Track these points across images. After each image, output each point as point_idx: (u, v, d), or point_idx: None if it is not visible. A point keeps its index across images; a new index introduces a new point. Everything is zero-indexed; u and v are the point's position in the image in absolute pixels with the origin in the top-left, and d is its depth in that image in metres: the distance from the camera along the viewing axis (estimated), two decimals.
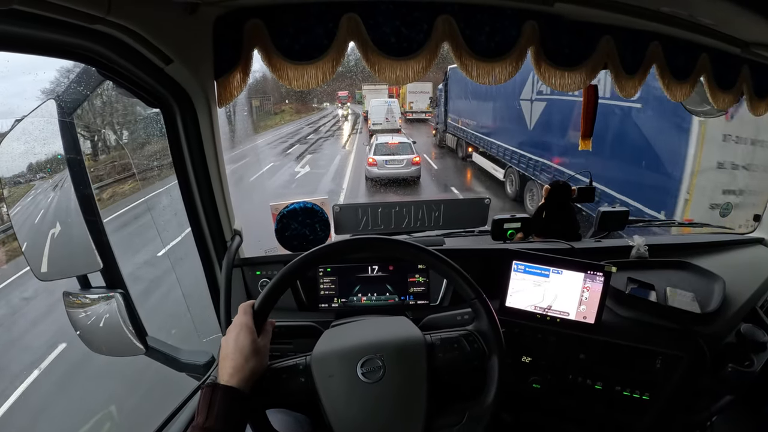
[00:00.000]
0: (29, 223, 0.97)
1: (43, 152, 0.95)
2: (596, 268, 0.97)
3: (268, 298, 0.71)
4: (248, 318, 0.68)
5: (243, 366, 0.64)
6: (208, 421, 0.58)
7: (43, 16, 0.58)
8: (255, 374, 0.65)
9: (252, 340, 0.66)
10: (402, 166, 8.91)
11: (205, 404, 0.60)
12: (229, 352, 0.65)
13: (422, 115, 19.03)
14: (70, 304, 1.00)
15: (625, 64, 1.07)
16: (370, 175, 8.95)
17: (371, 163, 8.95)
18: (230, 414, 0.60)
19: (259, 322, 0.69)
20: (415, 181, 9.09)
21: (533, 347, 1.04)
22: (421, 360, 0.71)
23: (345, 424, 0.66)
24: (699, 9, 0.92)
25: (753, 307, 1.13)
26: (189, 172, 0.96)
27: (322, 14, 0.92)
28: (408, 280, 1.14)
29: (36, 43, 0.66)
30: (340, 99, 26.23)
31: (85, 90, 0.90)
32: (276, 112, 22.95)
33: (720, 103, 1.20)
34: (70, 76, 0.90)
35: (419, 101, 18.45)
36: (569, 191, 1.36)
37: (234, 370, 0.63)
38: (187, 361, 1.04)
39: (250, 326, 0.68)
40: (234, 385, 0.62)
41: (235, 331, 0.67)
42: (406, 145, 9.32)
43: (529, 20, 0.97)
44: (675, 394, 1.01)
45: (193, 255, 1.07)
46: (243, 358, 0.64)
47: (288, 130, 19.21)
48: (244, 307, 0.70)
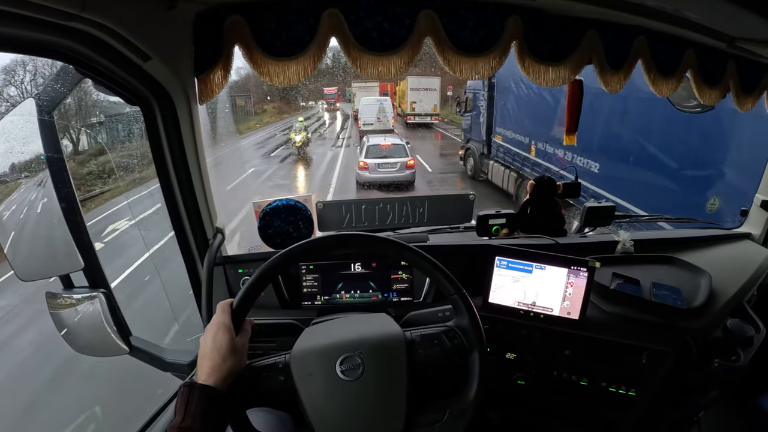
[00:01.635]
0: (10, 223, 0.97)
1: (25, 151, 0.94)
2: (580, 264, 0.97)
3: (247, 296, 0.70)
4: (226, 317, 0.68)
5: (220, 365, 0.63)
6: (186, 420, 0.58)
7: (16, 14, 0.58)
8: (233, 373, 0.65)
9: (230, 339, 0.66)
10: (396, 170, 8.37)
11: (183, 404, 0.59)
12: (207, 351, 0.65)
13: (427, 118, 15.75)
14: (53, 305, 0.99)
15: (610, 59, 1.06)
16: (361, 180, 8.42)
17: (362, 166, 8.42)
18: (207, 413, 0.59)
19: (237, 321, 0.69)
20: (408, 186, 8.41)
21: (517, 344, 1.04)
22: (401, 357, 0.71)
23: (325, 422, 0.66)
24: (684, 3, 0.92)
25: (740, 302, 1.13)
26: (170, 170, 0.96)
27: (303, 10, 0.91)
28: (391, 277, 1.13)
29: (12, 42, 0.65)
30: (326, 97, 23.14)
31: (63, 88, 0.89)
32: (257, 112, 20.96)
33: (707, 99, 1.19)
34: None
35: (424, 100, 15.45)
36: (554, 187, 1.36)
37: (212, 370, 0.63)
38: (172, 360, 1.03)
39: (228, 325, 0.67)
40: (211, 384, 0.61)
41: (213, 330, 0.66)
42: (400, 147, 8.78)
43: (512, 15, 0.97)
44: (661, 389, 1.01)
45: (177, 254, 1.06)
46: (220, 357, 0.64)
47: (263, 136, 15.84)
48: (222, 306, 0.69)
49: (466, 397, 0.71)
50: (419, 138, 13.62)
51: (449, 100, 17.66)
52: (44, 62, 6.95)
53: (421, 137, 13.21)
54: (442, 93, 16.48)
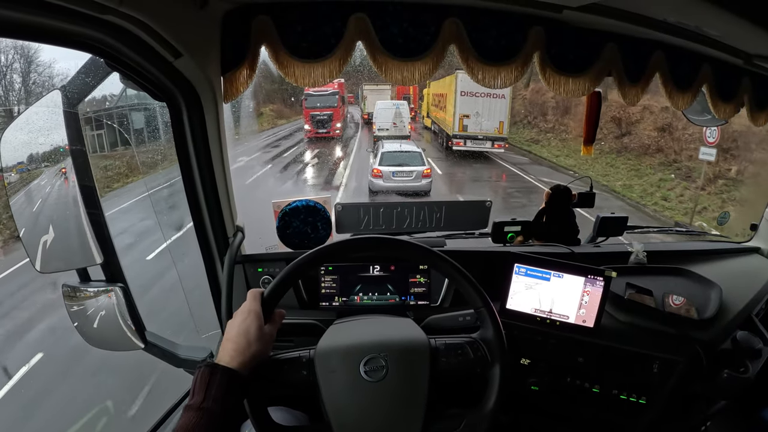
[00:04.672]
0: (30, 215, 0.96)
1: (47, 143, 0.94)
2: (596, 273, 0.98)
3: (279, 286, 0.71)
4: (257, 304, 0.69)
5: (245, 350, 0.64)
6: (206, 401, 0.58)
7: (53, 4, 0.58)
8: (255, 359, 0.65)
9: (258, 326, 0.66)
10: (411, 179, 7.99)
11: (203, 384, 0.59)
12: (233, 334, 0.65)
13: (485, 144, 9.54)
14: (69, 297, 0.99)
15: (629, 71, 1.08)
16: (375, 188, 8.11)
17: (376, 174, 8.06)
18: (228, 396, 0.59)
19: (267, 310, 0.70)
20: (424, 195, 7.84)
21: (532, 349, 1.05)
22: (425, 363, 0.71)
23: (343, 420, 0.67)
24: (705, 21, 0.94)
25: (748, 315, 1.14)
26: (193, 166, 0.96)
27: (331, 13, 0.92)
28: (409, 280, 1.14)
29: (44, 32, 0.66)
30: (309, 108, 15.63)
31: (92, 81, 0.89)
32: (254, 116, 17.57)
33: (721, 113, 1.21)
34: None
35: (485, 114, 9.55)
36: (570, 196, 1.38)
37: (236, 353, 0.63)
38: (186, 356, 1.03)
39: (258, 312, 0.68)
40: (234, 368, 0.62)
41: (242, 316, 0.67)
42: (416, 154, 8.38)
43: (535, 26, 0.98)
44: (671, 398, 1.02)
45: (194, 251, 1.05)
46: (246, 341, 0.64)
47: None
48: (254, 293, 0.70)
49: (483, 408, 0.71)
50: (470, 179, 8.30)
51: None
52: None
53: (473, 178, 7.86)
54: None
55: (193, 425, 0.56)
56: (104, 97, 6.38)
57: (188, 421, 0.56)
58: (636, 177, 10.62)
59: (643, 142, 11.52)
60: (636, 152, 11.43)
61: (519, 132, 13.70)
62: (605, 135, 12.13)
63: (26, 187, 1.01)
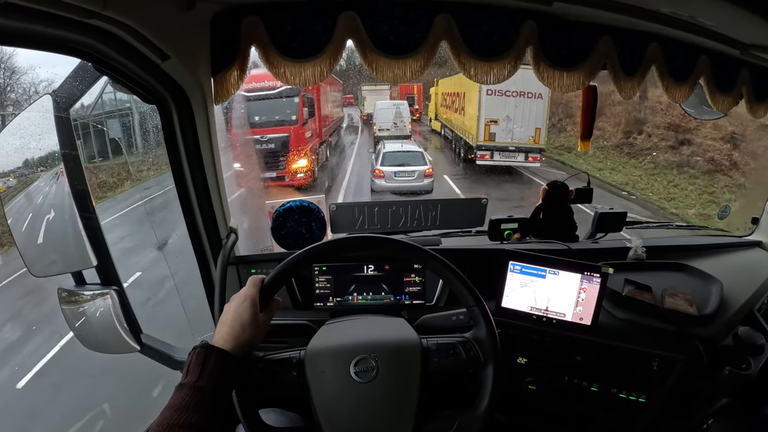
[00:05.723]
0: (24, 219, 0.97)
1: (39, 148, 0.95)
2: (593, 269, 0.97)
3: (279, 276, 0.71)
4: (255, 290, 0.70)
5: (239, 334, 0.65)
6: (201, 380, 0.59)
7: (37, 10, 0.58)
8: (248, 345, 0.66)
9: (253, 313, 0.67)
10: (413, 179, 7.99)
11: (198, 364, 0.60)
12: (229, 318, 0.66)
13: (516, 156, 7.67)
14: (65, 301, 0.99)
15: (624, 65, 1.06)
16: (377, 188, 8.08)
17: (378, 174, 8.06)
18: (222, 376, 0.61)
19: (264, 298, 0.70)
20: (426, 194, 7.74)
21: (529, 348, 1.04)
22: (416, 364, 0.71)
23: (333, 421, 0.67)
24: (700, 10, 0.92)
25: (750, 310, 1.12)
26: (185, 168, 0.96)
27: (320, 12, 0.91)
28: (404, 279, 1.13)
29: (31, 38, 0.66)
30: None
31: (81, 86, 0.89)
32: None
33: (719, 106, 1.19)
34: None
35: (518, 119, 7.78)
36: (567, 192, 1.36)
37: (230, 336, 0.64)
38: (182, 359, 1.03)
39: (255, 299, 0.69)
40: (228, 350, 0.63)
41: (239, 300, 0.68)
42: (418, 154, 8.43)
43: (527, 20, 0.97)
44: (671, 396, 1.01)
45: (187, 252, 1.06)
46: (240, 326, 0.65)
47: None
48: (254, 280, 0.71)
49: (476, 409, 0.71)
50: (497, 200, 6.25)
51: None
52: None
53: (500, 198, 6.25)
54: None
55: (186, 403, 0.57)
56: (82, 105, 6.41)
57: (181, 399, 0.57)
58: (712, 204, 7.99)
59: (708, 156, 8.99)
60: (702, 168, 9.03)
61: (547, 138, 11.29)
62: (655, 144, 9.86)
63: (23, 192, 1.01)
